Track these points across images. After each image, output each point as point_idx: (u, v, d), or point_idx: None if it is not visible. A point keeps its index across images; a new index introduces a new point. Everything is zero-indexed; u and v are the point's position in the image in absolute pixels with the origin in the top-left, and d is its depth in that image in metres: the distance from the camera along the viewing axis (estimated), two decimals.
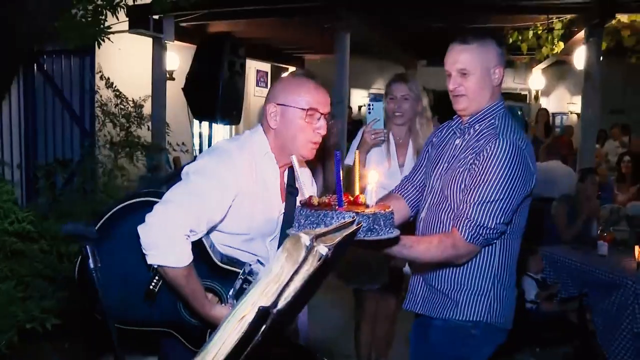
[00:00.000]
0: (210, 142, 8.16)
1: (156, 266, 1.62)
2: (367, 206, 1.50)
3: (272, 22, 7.20)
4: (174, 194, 1.65)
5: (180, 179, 1.71)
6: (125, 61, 6.53)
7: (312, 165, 2.16)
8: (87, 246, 1.46)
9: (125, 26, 5.74)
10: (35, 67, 5.62)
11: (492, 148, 1.82)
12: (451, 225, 1.88)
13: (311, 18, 6.75)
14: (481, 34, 1.92)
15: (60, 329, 2.83)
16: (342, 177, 1.51)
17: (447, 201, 1.93)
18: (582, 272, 3.79)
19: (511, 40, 6.91)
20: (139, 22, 6.10)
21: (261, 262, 1.85)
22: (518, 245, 1.99)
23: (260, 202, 1.79)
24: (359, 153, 1.99)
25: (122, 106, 4.56)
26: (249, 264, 1.80)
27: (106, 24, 3.87)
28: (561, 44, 6.67)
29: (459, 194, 1.88)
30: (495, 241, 1.88)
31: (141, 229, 1.59)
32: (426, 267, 2.00)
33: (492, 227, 1.81)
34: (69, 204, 3.84)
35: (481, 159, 1.83)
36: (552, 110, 11.18)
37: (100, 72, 4.68)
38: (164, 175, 3.85)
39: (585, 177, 4.67)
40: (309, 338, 3.38)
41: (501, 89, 1.99)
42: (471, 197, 1.82)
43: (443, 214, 1.94)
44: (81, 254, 1.46)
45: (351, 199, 1.53)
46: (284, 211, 1.86)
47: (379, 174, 1.60)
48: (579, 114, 7.21)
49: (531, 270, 3.98)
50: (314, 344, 3.77)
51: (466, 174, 1.87)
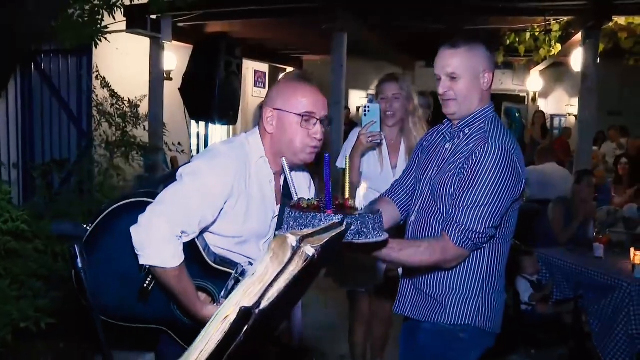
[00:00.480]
0: (207, 143, 8.16)
1: (147, 266, 1.63)
2: (356, 209, 1.50)
3: (270, 22, 7.20)
4: (166, 195, 1.66)
5: (176, 180, 1.72)
6: (123, 61, 6.54)
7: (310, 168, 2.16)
8: (76, 245, 1.46)
9: (123, 26, 5.74)
10: (33, 67, 5.60)
11: (482, 152, 1.82)
12: (440, 229, 1.88)
13: (309, 19, 6.73)
14: (471, 38, 1.92)
15: (54, 328, 2.83)
16: (330, 180, 1.52)
17: (437, 205, 1.93)
18: (577, 273, 3.78)
19: (509, 42, 6.91)
20: (136, 22, 6.12)
21: (253, 264, 1.86)
22: (507, 249, 1.99)
23: (254, 204, 1.79)
24: (349, 157, 1.98)
25: (118, 106, 4.56)
26: (241, 265, 1.81)
27: (103, 23, 3.87)
28: (558, 46, 6.66)
29: (449, 198, 1.88)
30: (484, 245, 1.88)
31: (133, 229, 1.60)
32: (415, 270, 1.99)
33: (481, 231, 1.80)
34: (66, 203, 3.84)
35: (470, 163, 1.83)
36: (551, 112, 11.21)
37: (96, 71, 4.67)
38: (160, 176, 3.85)
39: (581, 179, 4.65)
40: (303, 338, 3.38)
41: (495, 91, 2.00)
42: (460, 201, 1.82)
43: (432, 217, 1.94)
44: (69, 253, 1.46)
45: (340, 202, 1.53)
46: (277, 214, 1.87)
47: (368, 181, 1.59)
48: (576, 116, 7.21)
49: (527, 272, 3.98)
50: (308, 344, 3.78)
51: (455, 178, 1.87)
